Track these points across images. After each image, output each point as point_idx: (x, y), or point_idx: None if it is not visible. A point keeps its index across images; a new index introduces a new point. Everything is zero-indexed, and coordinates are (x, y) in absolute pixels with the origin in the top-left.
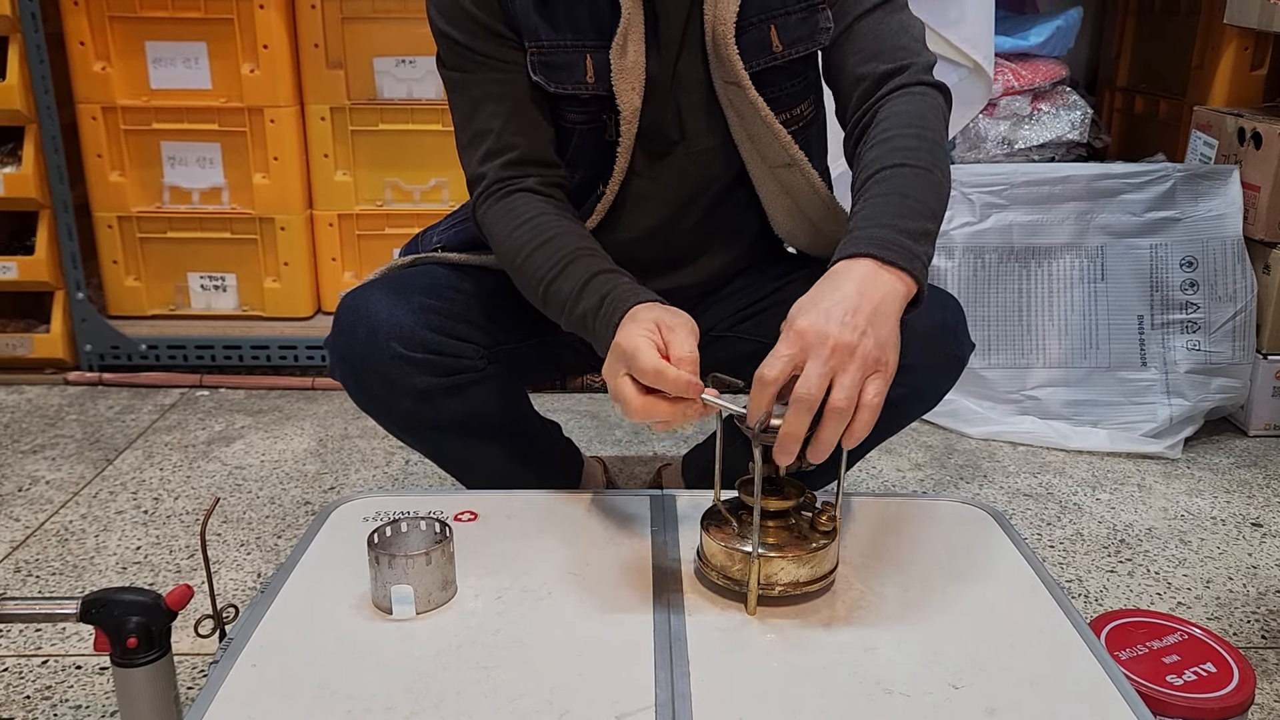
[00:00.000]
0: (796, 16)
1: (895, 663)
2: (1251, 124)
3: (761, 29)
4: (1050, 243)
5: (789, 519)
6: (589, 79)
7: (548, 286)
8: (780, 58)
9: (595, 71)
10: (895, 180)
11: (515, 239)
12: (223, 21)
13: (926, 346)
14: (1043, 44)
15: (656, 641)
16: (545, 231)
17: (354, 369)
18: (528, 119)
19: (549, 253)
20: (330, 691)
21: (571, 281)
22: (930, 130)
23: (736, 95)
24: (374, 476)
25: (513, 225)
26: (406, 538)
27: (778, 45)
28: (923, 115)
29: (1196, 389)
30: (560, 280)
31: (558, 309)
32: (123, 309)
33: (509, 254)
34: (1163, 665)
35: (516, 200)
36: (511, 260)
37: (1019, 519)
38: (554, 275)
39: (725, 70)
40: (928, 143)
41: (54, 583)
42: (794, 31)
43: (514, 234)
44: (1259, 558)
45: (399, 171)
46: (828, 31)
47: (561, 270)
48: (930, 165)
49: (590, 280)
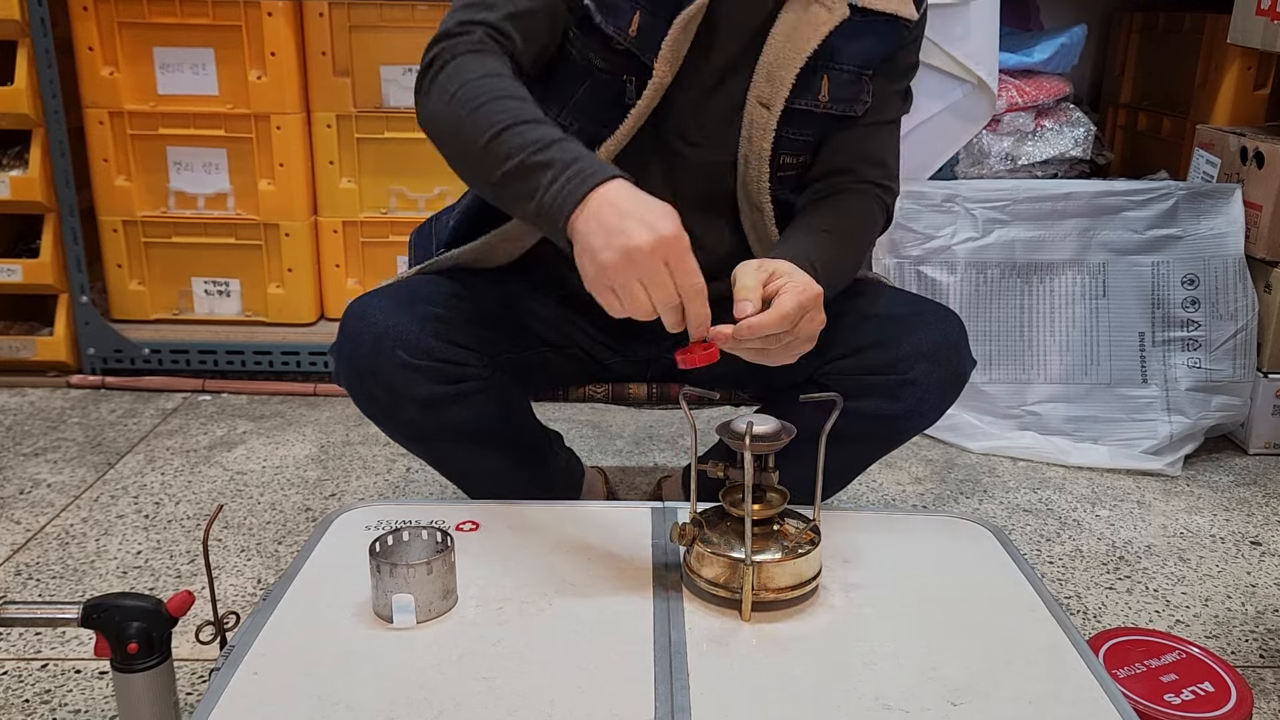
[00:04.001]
0: (847, 76)
1: (894, 678)
2: (1254, 143)
3: (817, 74)
4: (1052, 259)
5: (772, 525)
6: (631, 31)
7: (489, 141)
8: (819, 106)
9: (640, 29)
10: (840, 246)
11: (459, 95)
12: (231, 28)
13: (929, 363)
14: (1047, 61)
15: (656, 654)
16: (494, 91)
17: (359, 376)
18: (534, 26)
19: (499, 109)
20: (331, 701)
21: (521, 139)
22: (872, 235)
23: (760, 116)
24: (375, 484)
25: (458, 83)
26: (408, 547)
27: (824, 95)
28: (875, 222)
29: (1197, 406)
30: (508, 135)
31: (494, 173)
32: (126, 313)
33: (448, 112)
34: (1160, 684)
35: (465, 61)
36: (448, 118)
37: (1018, 534)
38: (499, 130)
39: (767, 89)
40: (865, 243)
41: (54, 586)
42: (841, 90)
43: (458, 90)
44: (1258, 576)
45: (404, 179)
46: (865, 105)
47: (507, 128)
48: (858, 258)
49: (551, 145)
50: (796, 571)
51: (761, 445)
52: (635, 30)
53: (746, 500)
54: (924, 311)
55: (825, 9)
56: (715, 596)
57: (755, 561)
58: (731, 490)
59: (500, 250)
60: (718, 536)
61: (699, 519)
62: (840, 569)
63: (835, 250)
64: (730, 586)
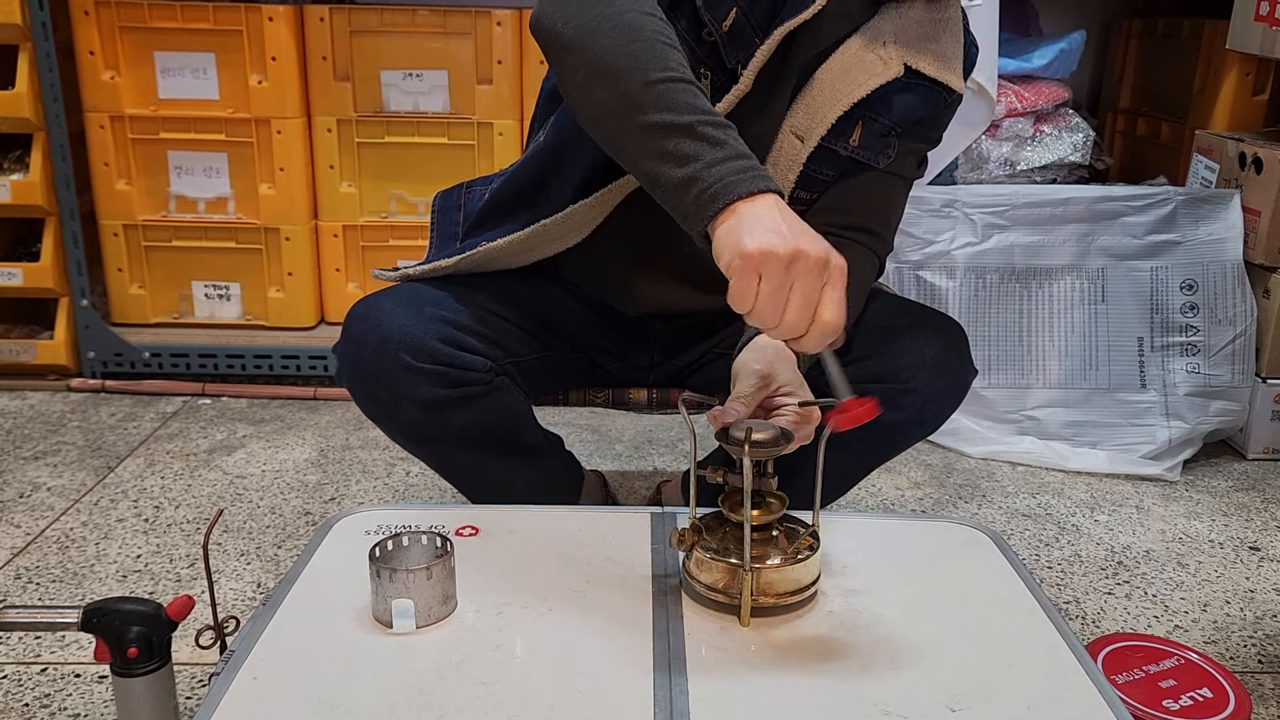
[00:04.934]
0: (880, 128)
1: (893, 684)
2: (1252, 149)
3: (853, 119)
4: (1051, 264)
5: (771, 531)
6: (725, 25)
7: (651, 83)
8: (846, 149)
9: (734, 26)
10: None
11: (612, 24)
12: (232, 33)
13: (931, 371)
14: (1046, 66)
15: (656, 659)
16: (656, 35)
17: (362, 378)
18: None
19: (662, 55)
20: (330, 706)
21: (689, 98)
22: (866, 284)
23: (790, 147)
24: (375, 488)
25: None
26: (408, 552)
27: (855, 139)
28: (872, 271)
29: (1195, 411)
30: (677, 89)
31: (644, 124)
32: (126, 316)
33: (593, 35)
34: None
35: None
36: (595, 43)
37: (1017, 539)
38: (664, 79)
39: (804, 122)
40: (866, 286)
41: (54, 590)
42: (871, 140)
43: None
44: (1256, 581)
45: (404, 184)
46: (889, 159)
47: (674, 80)
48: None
49: (716, 122)
50: (795, 577)
51: (760, 451)
52: (729, 26)
53: (746, 506)
54: (926, 320)
55: (881, 61)
56: (714, 602)
57: (754, 567)
58: (731, 495)
59: (523, 251)
60: (717, 542)
61: (698, 524)
62: (839, 574)
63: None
64: (729, 592)
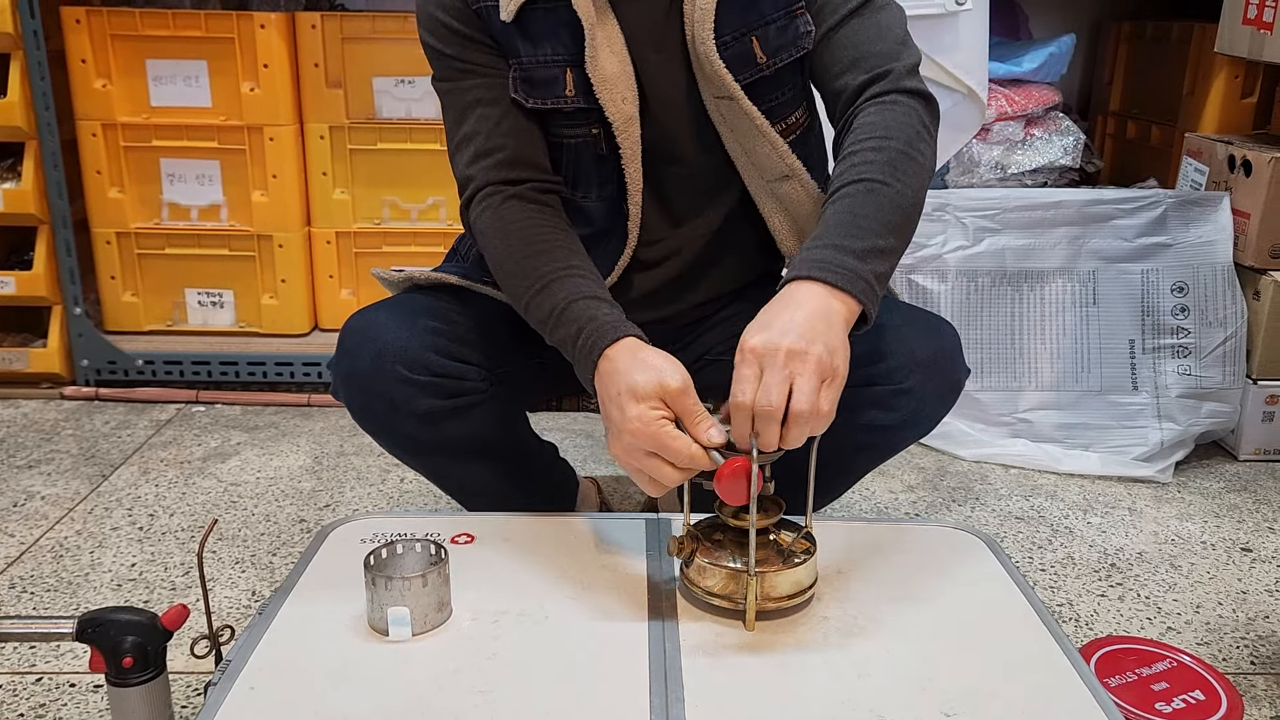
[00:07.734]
0: (775, 25)
1: (888, 689)
2: (1242, 151)
3: (743, 42)
4: (1042, 267)
5: (768, 535)
6: (568, 92)
7: (529, 301)
8: (766, 68)
9: (575, 85)
10: (849, 199)
11: (503, 249)
12: (223, 40)
13: (923, 373)
14: (1036, 70)
15: (652, 666)
16: (533, 244)
17: (358, 391)
18: (516, 123)
19: (533, 267)
20: (326, 715)
21: (551, 302)
22: (895, 140)
23: (729, 109)
24: (369, 495)
25: (501, 235)
26: (403, 560)
27: (761, 56)
28: (889, 126)
29: (1187, 413)
30: (541, 297)
31: (539, 327)
32: (120, 324)
33: (496, 264)
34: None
35: (507, 209)
36: (499, 270)
37: (1010, 542)
38: (535, 292)
39: (714, 85)
40: (889, 154)
41: (48, 599)
42: (775, 40)
43: (502, 244)
44: (1248, 583)
45: (397, 190)
46: (809, 35)
47: (543, 289)
48: (887, 179)
49: (568, 307)
50: (796, 580)
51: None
52: (572, 89)
53: (752, 511)
54: (918, 321)
55: None
56: (715, 607)
57: (758, 571)
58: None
59: None
60: (716, 547)
61: (694, 531)
62: (834, 579)
63: (864, 201)
64: (732, 597)
